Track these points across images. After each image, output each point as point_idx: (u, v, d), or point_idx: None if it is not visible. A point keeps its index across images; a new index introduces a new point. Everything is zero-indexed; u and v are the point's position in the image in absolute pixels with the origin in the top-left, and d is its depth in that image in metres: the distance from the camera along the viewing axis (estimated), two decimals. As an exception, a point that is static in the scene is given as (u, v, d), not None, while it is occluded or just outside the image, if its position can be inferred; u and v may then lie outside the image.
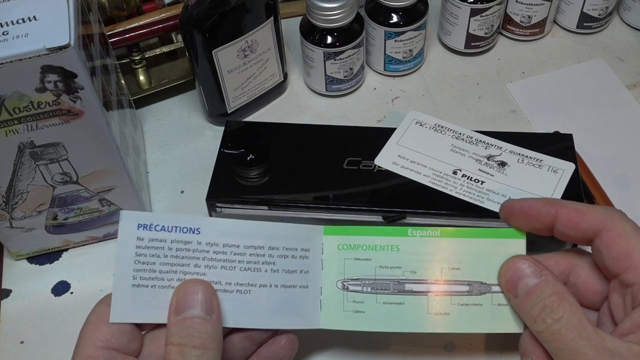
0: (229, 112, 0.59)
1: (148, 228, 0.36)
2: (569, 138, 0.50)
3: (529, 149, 0.49)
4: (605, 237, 0.34)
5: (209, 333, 0.33)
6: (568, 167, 0.48)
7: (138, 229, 0.36)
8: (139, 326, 0.36)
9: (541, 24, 0.64)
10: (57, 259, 0.52)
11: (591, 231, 0.35)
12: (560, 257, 0.38)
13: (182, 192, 0.56)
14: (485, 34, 0.62)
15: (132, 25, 0.59)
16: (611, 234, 0.34)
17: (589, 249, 0.37)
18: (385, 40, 0.60)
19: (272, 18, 0.55)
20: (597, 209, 0.35)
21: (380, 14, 0.59)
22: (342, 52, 0.57)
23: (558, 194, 0.46)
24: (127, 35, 0.58)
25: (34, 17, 0.39)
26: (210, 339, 0.33)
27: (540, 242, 0.45)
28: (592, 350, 0.31)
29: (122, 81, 0.55)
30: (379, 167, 0.49)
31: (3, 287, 0.51)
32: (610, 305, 0.35)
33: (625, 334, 0.33)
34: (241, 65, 0.56)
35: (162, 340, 0.35)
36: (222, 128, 0.53)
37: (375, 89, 0.63)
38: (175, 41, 0.62)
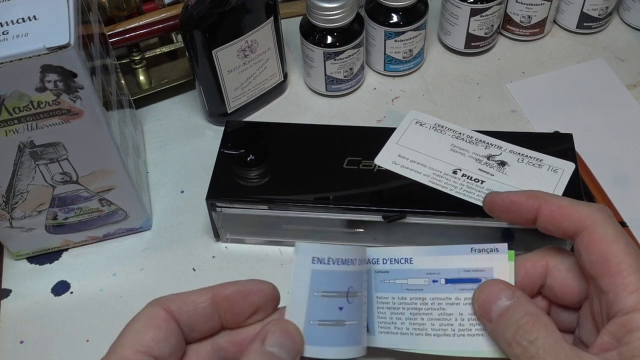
0: (229, 112, 0.59)
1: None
2: (569, 138, 0.50)
3: (529, 149, 0.49)
4: (585, 238, 0.33)
5: None
6: (568, 167, 0.48)
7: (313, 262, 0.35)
8: (185, 337, 0.34)
9: (541, 24, 0.64)
10: (57, 259, 0.52)
11: (572, 230, 0.34)
12: (537, 259, 0.37)
13: (182, 192, 0.56)
14: (485, 34, 0.62)
15: (132, 25, 0.59)
16: (591, 237, 0.33)
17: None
18: (385, 40, 0.60)
19: (272, 18, 0.55)
20: (582, 207, 0.34)
21: (380, 14, 0.59)
22: (342, 52, 0.57)
23: (558, 194, 0.46)
24: (127, 35, 0.58)
25: (34, 16, 0.39)
26: None
27: (522, 235, 0.45)
28: None
29: (122, 81, 0.55)
30: (379, 166, 0.49)
31: (3, 287, 0.51)
32: (592, 308, 0.34)
33: (605, 349, 0.31)
34: (241, 65, 0.56)
35: (203, 354, 0.34)
36: (222, 128, 0.53)
37: (375, 89, 0.63)
38: (175, 41, 0.62)
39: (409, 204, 0.47)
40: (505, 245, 0.36)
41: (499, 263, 0.36)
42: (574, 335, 0.36)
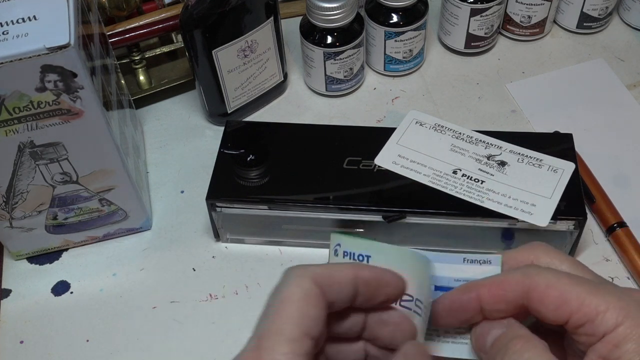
0: (229, 112, 0.59)
1: None
2: (569, 138, 0.50)
3: (529, 149, 0.49)
4: (535, 296, 0.32)
5: None
6: (568, 167, 0.48)
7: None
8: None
9: (541, 24, 0.64)
10: (57, 259, 0.52)
11: (520, 297, 0.33)
12: (523, 257, 0.35)
13: (182, 192, 0.56)
14: (485, 34, 0.62)
15: (132, 25, 0.59)
16: (538, 291, 0.32)
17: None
18: (385, 40, 0.60)
19: (272, 18, 0.55)
20: (515, 273, 0.33)
21: (380, 14, 0.59)
22: (342, 52, 0.57)
23: (558, 194, 0.46)
24: (127, 35, 0.58)
25: (34, 16, 0.39)
26: None
27: (522, 236, 0.45)
28: None
29: (122, 81, 0.55)
30: (379, 166, 0.49)
31: (3, 287, 0.51)
32: (571, 347, 0.34)
33: None
34: (241, 65, 0.56)
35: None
36: (222, 128, 0.53)
37: (375, 89, 0.63)
38: (175, 41, 0.62)
39: (409, 204, 0.47)
40: (499, 257, 0.35)
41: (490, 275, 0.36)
42: None
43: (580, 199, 0.46)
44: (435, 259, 0.36)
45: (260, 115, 0.61)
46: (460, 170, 0.48)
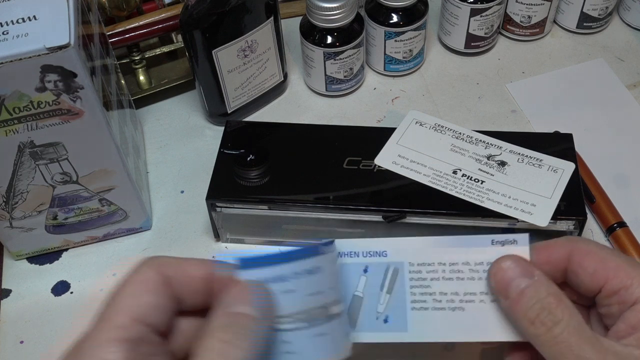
0: (229, 112, 0.59)
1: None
2: (569, 138, 0.50)
3: (529, 149, 0.49)
4: (576, 259, 0.34)
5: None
6: (568, 167, 0.48)
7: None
8: (175, 307, 0.32)
9: (541, 24, 0.64)
10: (57, 259, 0.52)
11: (563, 258, 0.35)
12: (559, 245, 0.37)
13: (182, 192, 0.56)
14: (485, 34, 0.62)
15: (132, 25, 0.59)
16: (580, 255, 0.34)
17: None
18: (385, 40, 0.60)
19: (272, 18, 0.55)
20: (561, 238, 0.36)
21: (380, 14, 0.59)
22: (342, 52, 0.57)
23: (558, 194, 0.46)
24: (127, 35, 0.58)
25: (34, 16, 0.39)
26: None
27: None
28: (596, 355, 0.30)
29: (122, 81, 0.55)
30: (379, 166, 0.49)
31: (3, 287, 0.51)
32: (600, 316, 0.35)
33: (621, 336, 0.32)
34: (241, 65, 0.56)
35: (190, 330, 0.32)
36: (222, 128, 0.53)
37: (375, 89, 0.63)
38: (175, 41, 0.62)
39: (409, 204, 0.47)
40: (526, 235, 0.36)
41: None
42: None
43: (580, 199, 0.46)
44: (462, 243, 0.36)
45: (260, 115, 0.61)
46: (460, 170, 0.48)
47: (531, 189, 0.47)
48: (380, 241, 0.38)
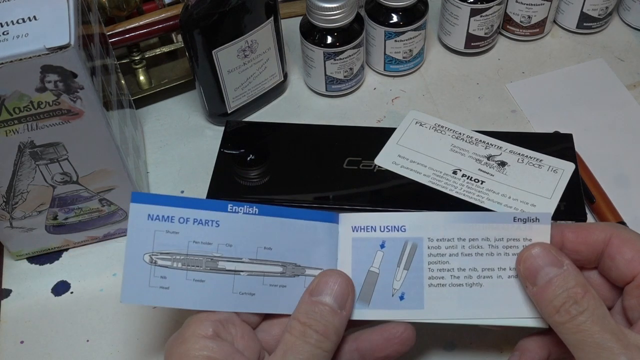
0: (229, 112, 0.59)
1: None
2: (569, 138, 0.50)
3: (529, 149, 0.49)
4: (615, 243, 0.35)
5: (335, 325, 0.34)
6: (568, 167, 0.48)
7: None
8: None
9: (541, 24, 0.64)
10: (57, 259, 0.52)
11: (601, 241, 0.36)
12: (599, 229, 0.38)
13: (182, 192, 0.56)
14: (485, 34, 0.62)
15: (132, 25, 0.59)
16: (620, 240, 0.35)
17: None
18: (385, 40, 0.60)
19: (272, 18, 0.55)
20: (600, 223, 0.38)
21: (380, 14, 0.59)
22: (342, 52, 0.57)
23: (558, 194, 0.46)
24: (127, 35, 0.58)
25: (34, 17, 0.39)
26: (333, 331, 0.34)
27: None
28: (618, 345, 0.31)
29: (122, 81, 0.55)
30: (379, 166, 0.49)
31: (3, 287, 0.51)
32: (625, 309, 0.36)
33: None
34: (241, 65, 0.56)
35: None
36: (222, 128, 0.53)
37: (375, 89, 0.63)
38: (175, 41, 0.62)
39: (409, 204, 0.47)
40: (549, 214, 0.36)
41: (538, 233, 0.36)
42: None
43: (580, 199, 0.46)
44: (484, 219, 0.37)
45: (260, 115, 0.61)
46: (460, 170, 0.48)
47: (531, 189, 0.47)
48: (399, 215, 0.38)
